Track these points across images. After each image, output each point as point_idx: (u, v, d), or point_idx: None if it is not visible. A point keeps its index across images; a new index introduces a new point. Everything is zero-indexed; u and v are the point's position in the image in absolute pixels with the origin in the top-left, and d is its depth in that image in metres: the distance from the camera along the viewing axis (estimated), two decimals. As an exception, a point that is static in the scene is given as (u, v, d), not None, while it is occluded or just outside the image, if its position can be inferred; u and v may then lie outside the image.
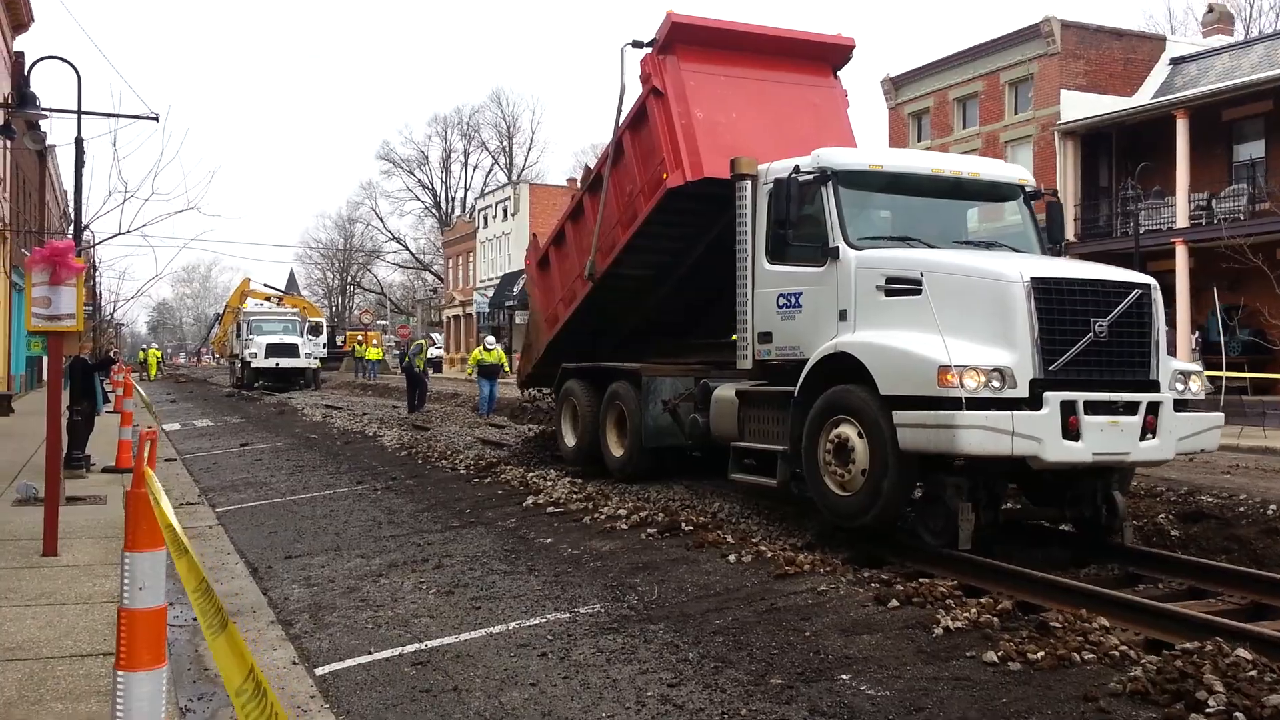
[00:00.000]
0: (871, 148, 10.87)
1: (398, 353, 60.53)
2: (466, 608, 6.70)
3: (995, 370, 7.70)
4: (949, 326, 7.89)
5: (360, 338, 58.85)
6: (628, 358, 13.67)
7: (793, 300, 9.55)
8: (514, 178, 74.44)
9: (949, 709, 4.37)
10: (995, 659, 4.90)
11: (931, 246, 9.19)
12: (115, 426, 18.52)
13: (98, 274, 41.07)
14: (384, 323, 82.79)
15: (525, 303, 51.89)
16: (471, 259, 65.97)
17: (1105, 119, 28.12)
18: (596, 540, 8.41)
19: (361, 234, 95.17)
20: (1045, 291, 7.87)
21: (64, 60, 16.37)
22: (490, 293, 58.73)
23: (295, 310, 49.13)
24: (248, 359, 41.87)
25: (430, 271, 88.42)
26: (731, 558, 7.36)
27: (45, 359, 41.72)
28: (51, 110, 15.65)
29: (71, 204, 16.98)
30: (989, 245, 9.93)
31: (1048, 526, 9.46)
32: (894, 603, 5.96)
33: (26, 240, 30.34)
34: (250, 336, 42.59)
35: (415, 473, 13.29)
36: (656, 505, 10.09)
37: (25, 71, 18.10)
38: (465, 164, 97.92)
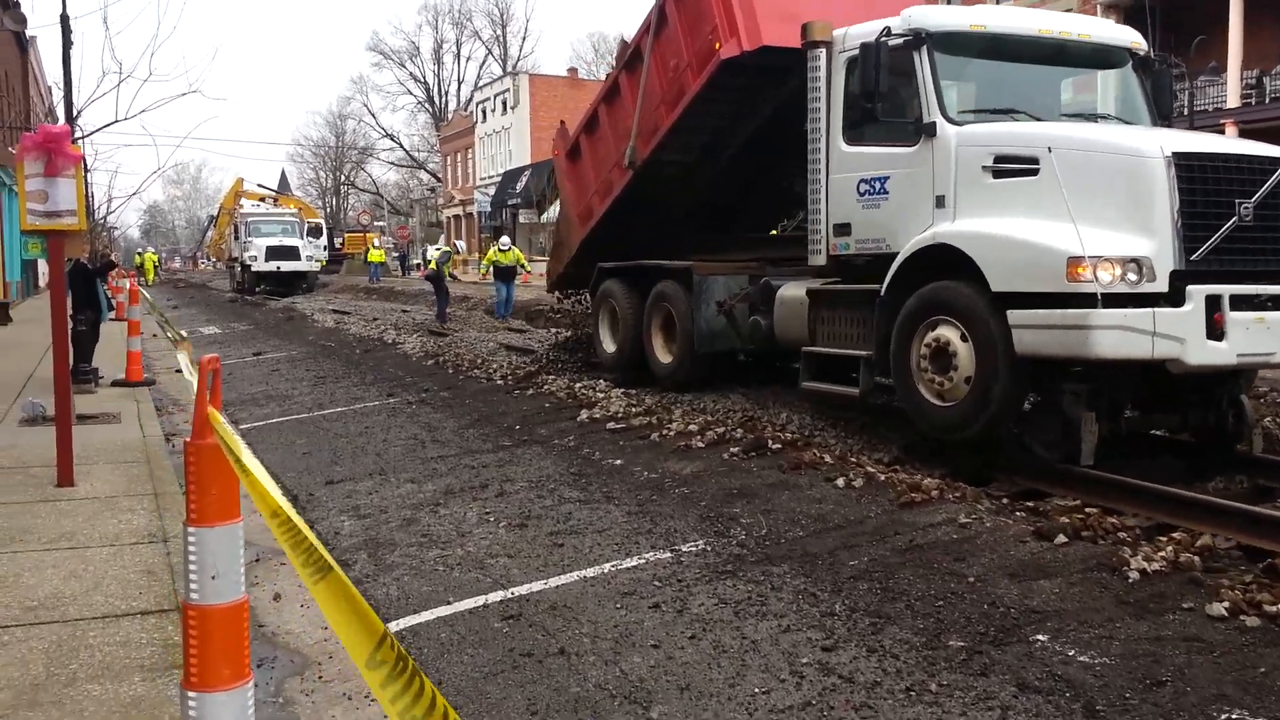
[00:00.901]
0: (963, 7, 9.64)
1: (397, 255, 59.21)
2: (547, 545, 5.87)
3: (1132, 261, 6.74)
4: (1076, 211, 6.90)
5: (376, 240, 57.49)
6: (668, 255, 12.66)
7: (877, 186, 8.52)
8: (509, 69, 71.86)
9: (1196, 681, 3.56)
10: (1223, 612, 4.09)
11: (1038, 120, 8.14)
12: (120, 336, 17.66)
13: (89, 171, 39.49)
14: (381, 224, 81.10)
15: (530, 200, 50.59)
16: (470, 155, 64.16)
17: (1148, -10, 26.41)
18: (673, 461, 7.56)
19: (354, 131, 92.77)
20: (1188, 169, 6.85)
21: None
22: (492, 191, 57.17)
23: (294, 211, 47.68)
24: (247, 262, 40.70)
25: (426, 170, 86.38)
26: (840, 481, 6.51)
27: (42, 263, 40.62)
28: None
29: (60, 92, 15.68)
30: (1094, 118, 8.88)
31: (1159, 435, 8.61)
32: (1061, 538, 5.12)
33: (12, 138, 28.94)
34: (249, 239, 41.33)
35: (448, 383, 12.41)
36: (727, 418, 9.24)
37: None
38: (458, 55, 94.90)
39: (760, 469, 7.06)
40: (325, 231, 54.82)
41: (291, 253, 40.71)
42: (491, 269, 23.67)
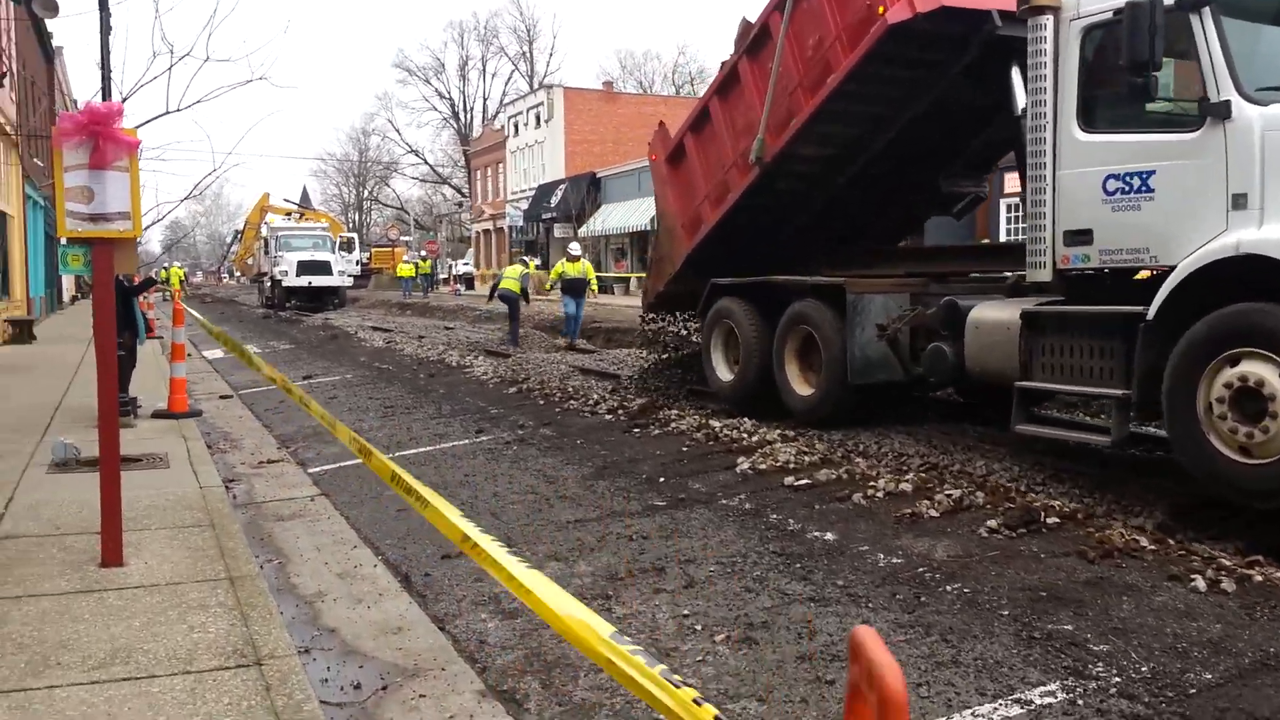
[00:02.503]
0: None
1: (427, 268, 57.50)
2: (807, 680, 4.07)
3: None
4: None
5: (405, 255, 56.06)
6: (789, 270, 10.96)
7: (1135, 183, 6.73)
8: (535, 86, 70.45)
9: None
10: None
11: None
12: (154, 359, 16.00)
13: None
14: (408, 239, 79.66)
15: (568, 214, 48.89)
16: (501, 169, 62.65)
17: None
18: (908, 537, 5.76)
19: (378, 147, 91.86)
20: None
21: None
22: (524, 205, 55.60)
23: (324, 225, 46.30)
24: (278, 277, 39.25)
25: (450, 185, 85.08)
26: (1198, 583, 4.69)
27: (67, 277, 39.06)
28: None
29: (99, 77, 13.89)
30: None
31: None
32: None
33: (38, 149, 27.49)
34: (280, 254, 39.91)
35: (543, 417, 10.65)
36: (934, 472, 7.42)
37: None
38: (484, 71, 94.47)
39: (1051, 555, 5.24)
40: (356, 246, 53.44)
41: (323, 267, 39.28)
42: (559, 282, 20.61)
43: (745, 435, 8.69)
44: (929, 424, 9.64)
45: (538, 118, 56.30)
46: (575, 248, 21.23)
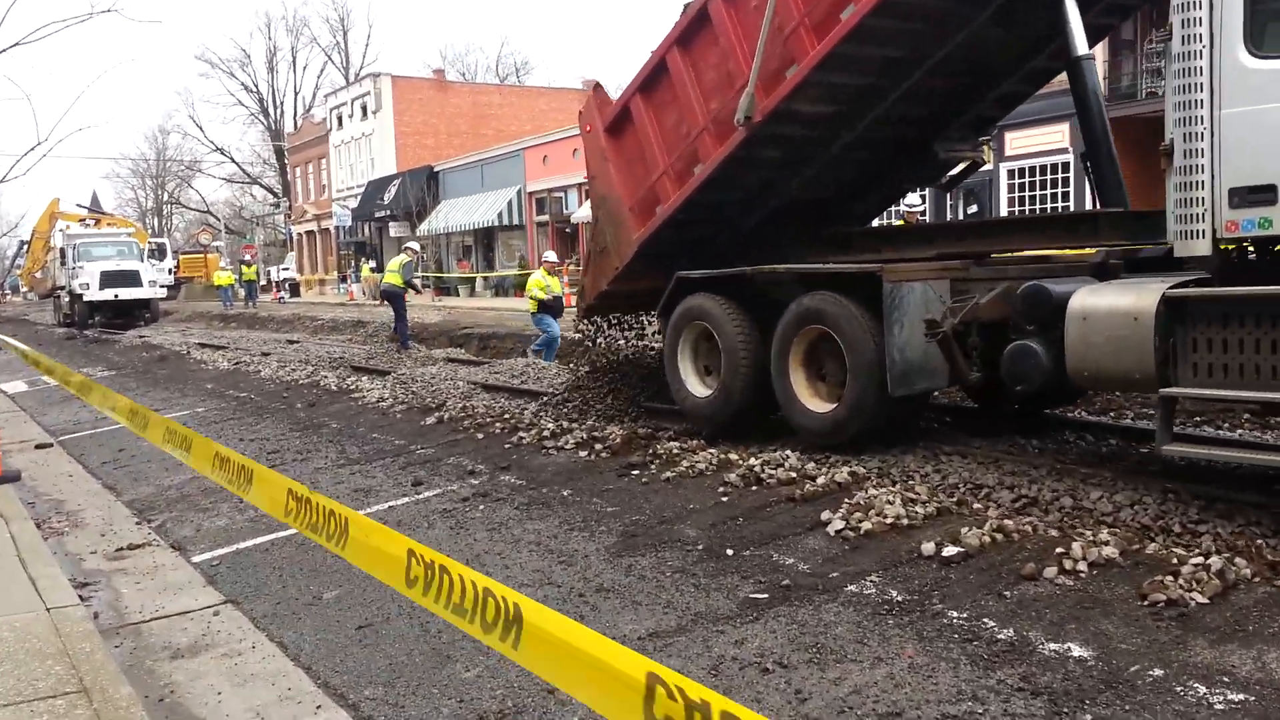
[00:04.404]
0: None
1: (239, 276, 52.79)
2: None
3: None
4: None
5: (222, 261, 51.44)
6: (771, 258, 9.16)
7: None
8: (353, 78, 66.11)
9: None
10: None
11: None
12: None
13: None
14: (219, 244, 73.70)
15: (405, 211, 45.58)
16: (324, 166, 58.43)
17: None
18: (1207, 648, 3.92)
19: (178, 146, 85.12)
20: None
21: None
22: (353, 203, 51.79)
23: (129, 230, 41.48)
24: (78, 290, 34.58)
25: (260, 185, 79.51)
26: None
27: None
28: None
29: None
30: None
31: None
32: None
33: None
34: (79, 264, 35.18)
35: (491, 457, 8.37)
36: (1059, 509, 5.66)
37: None
38: (294, 64, 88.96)
39: None
40: (169, 252, 48.54)
41: (131, 278, 34.88)
42: (545, 301, 15.47)
43: (795, 474, 6.73)
44: (955, 437, 8.00)
45: (364, 109, 52.56)
46: (551, 256, 16.99)
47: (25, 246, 56.54)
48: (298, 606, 5.48)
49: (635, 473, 7.35)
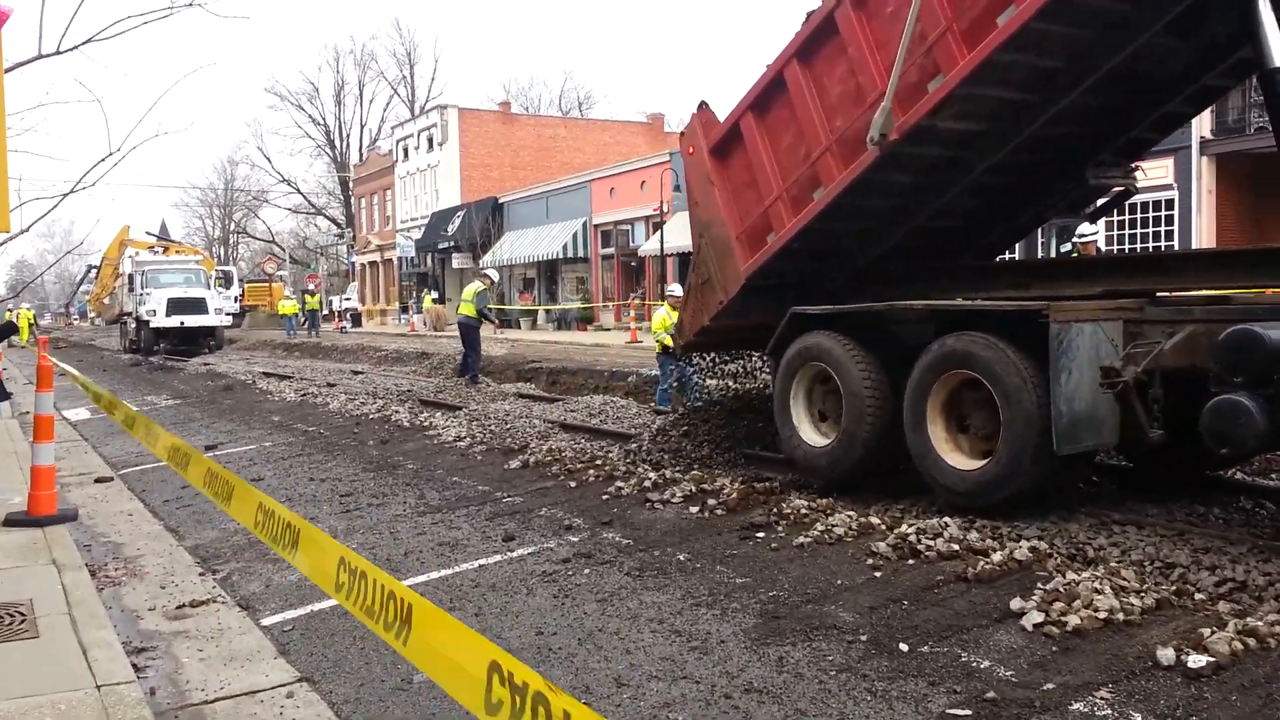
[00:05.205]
0: None
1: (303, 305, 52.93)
2: None
3: None
4: None
5: (304, 289, 51.58)
6: (876, 297, 8.26)
7: None
8: (420, 110, 66.49)
9: None
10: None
11: None
12: (2, 432, 12.20)
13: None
14: (284, 273, 74.37)
15: (467, 243, 45.27)
16: (389, 197, 58.62)
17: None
18: None
19: (246, 176, 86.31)
20: None
21: None
22: (417, 234, 51.74)
23: (196, 258, 41.64)
24: (145, 317, 34.62)
25: (325, 215, 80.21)
26: None
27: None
28: None
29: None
30: None
31: None
32: None
33: None
34: (146, 291, 35.26)
35: (589, 510, 7.52)
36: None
37: None
38: (360, 97, 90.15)
39: None
40: (235, 280, 48.77)
41: (197, 305, 34.86)
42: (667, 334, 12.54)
43: (958, 546, 5.76)
44: (1120, 501, 7.00)
45: (430, 140, 52.62)
46: (678, 289, 13.26)
47: (94, 272, 57.36)
48: (384, 691, 4.65)
49: (761, 535, 6.44)
